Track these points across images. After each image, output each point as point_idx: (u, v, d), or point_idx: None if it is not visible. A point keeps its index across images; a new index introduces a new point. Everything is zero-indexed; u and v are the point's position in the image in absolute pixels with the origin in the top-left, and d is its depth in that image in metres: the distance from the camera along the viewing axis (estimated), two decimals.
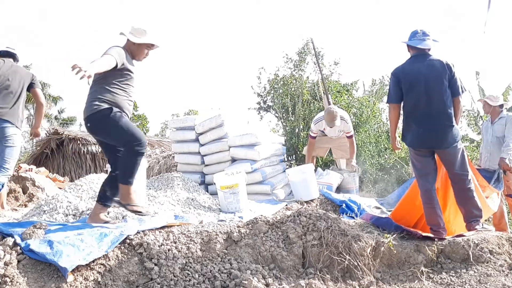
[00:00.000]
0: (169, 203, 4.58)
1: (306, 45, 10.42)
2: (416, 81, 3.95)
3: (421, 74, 3.94)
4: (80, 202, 4.25)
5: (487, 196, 4.41)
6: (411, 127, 4.03)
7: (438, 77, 3.91)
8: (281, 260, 3.33)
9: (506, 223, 5.57)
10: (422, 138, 3.96)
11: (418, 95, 3.95)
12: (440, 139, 3.91)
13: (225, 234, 3.46)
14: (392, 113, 4.17)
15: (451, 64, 3.97)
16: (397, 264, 3.41)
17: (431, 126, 3.92)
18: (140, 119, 30.76)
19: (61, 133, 11.01)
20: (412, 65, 4.02)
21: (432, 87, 3.91)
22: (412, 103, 4.00)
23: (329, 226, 3.55)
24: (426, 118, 3.94)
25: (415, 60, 4.05)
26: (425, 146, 3.99)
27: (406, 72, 4.03)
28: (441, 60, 3.96)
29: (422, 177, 4.00)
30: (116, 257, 3.05)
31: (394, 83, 4.10)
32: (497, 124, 5.62)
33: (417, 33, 4.07)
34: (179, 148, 6.43)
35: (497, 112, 5.69)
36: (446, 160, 3.99)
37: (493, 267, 3.31)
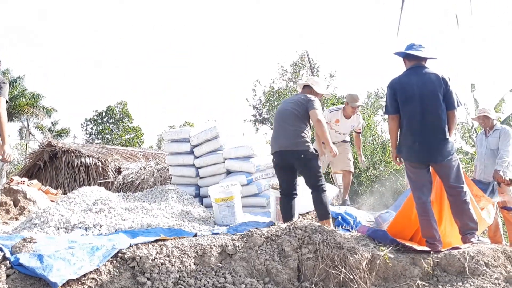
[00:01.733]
0: (163, 216, 4.53)
1: (301, 57, 10.47)
2: (412, 94, 3.95)
3: (416, 87, 3.94)
4: (72, 215, 4.20)
5: (482, 208, 4.40)
6: (406, 141, 4.02)
7: (434, 91, 3.92)
8: (276, 274, 3.29)
9: (501, 236, 5.55)
10: (418, 151, 3.95)
11: (414, 108, 3.95)
12: (435, 153, 3.91)
13: (219, 247, 3.42)
14: (390, 124, 4.15)
15: (446, 78, 3.98)
16: (393, 277, 3.38)
17: (426, 140, 3.91)
18: (135, 131, 30.70)
19: (54, 145, 10.93)
20: (409, 78, 4.02)
21: (427, 100, 3.91)
22: (407, 116, 4.00)
23: (324, 239, 3.52)
24: (421, 131, 3.93)
25: (411, 72, 4.05)
26: (420, 159, 3.98)
27: (402, 84, 4.02)
28: (437, 74, 3.97)
29: (418, 190, 3.99)
30: (108, 271, 3.00)
31: (391, 95, 4.09)
32: (491, 136, 5.62)
33: (414, 45, 4.09)
34: (173, 160, 6.39)
35: (491, 125, 5.71)
36: (441, 173, 3.98)
37: (488, 280, 3.29)
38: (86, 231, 3.95)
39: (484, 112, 5.74)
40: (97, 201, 4.70)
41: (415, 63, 4.06)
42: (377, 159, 9.85)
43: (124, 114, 31.18)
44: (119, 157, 10.65)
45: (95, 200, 4.75)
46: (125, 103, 31.62)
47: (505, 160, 5.37)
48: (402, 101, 4.00)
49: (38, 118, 28.68)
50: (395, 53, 4.18)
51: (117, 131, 30.52)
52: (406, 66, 4.14)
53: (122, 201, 4.92)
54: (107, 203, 4.63)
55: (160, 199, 5.17)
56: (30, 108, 26.02)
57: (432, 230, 3.84)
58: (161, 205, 4.86)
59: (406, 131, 4.02)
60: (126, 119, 31.25)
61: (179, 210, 4.82)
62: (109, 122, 30.95)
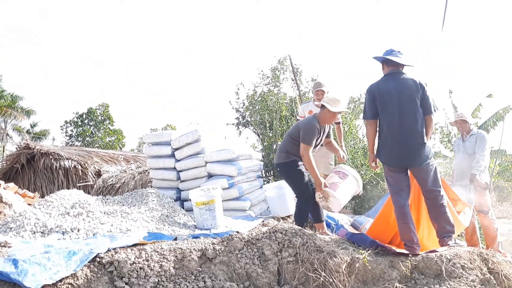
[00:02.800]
0: (143, 220, 4.48)
1: (281, 62, 10.50)
2: (390, 100, 4.01)
3: (394, 92, 4.01)
4: (49, 219, 4.11)
5: (458, 211, 4.47)
6: (385, 145, 4.08)
7: (411, 96, 3.99)
8: (256, 278, 3.29)
9: (477, 239, 5.65)
10: (396, 156, 4.02)
11: (392, 113, 4.01)
12: (413, 157, 3.97)
13: (199, 251, 3.40)
14: (368, 129, 4.22)
15: (423, 83, 4.05)
16: (372, 280, 3.41)
17: (405, 144, 3.97)
18: (116, 133, 30.34)
19: (32, 147, 10.72)
20: (386, 83, 4.08)
21: (405, 105, 3.98)
22: (386, 121, 4.06)
23: (304, 242, 3.53)
24: (399, 136, 3.99)
25: (389, 78, 4.11)
26: (399, 164, 4.05)
27: (380, 90, 4.08)
28: (414, 79, 4.04)
29: (396, 194, 4.04)
30: (85, 276, 2.95)
31: (369, 100, 4.15)
32: (468, 141, 5.71)
33: (393, 51, 4.15)
34: (154, 163, 6.34)
35: (468, 130, 5.80)
36: (419, 177, 4.04)
37: (465, 282, 3.34)
38: (63, 235, 3.88)
39: (462, 116, 5.83)
40: (75, 204, 4.62)
41: (393, 69, 4.12)
42: (358, 163, 9.93)
43: (105, 116, 30.80)
44: (99, 160, 10.50)
45: (73, 203, 4.67)
46: (106, 105, 31.23)
47: (481, 164, 5.47)
48: (381, 107, 4.06)
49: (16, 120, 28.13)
50: (374, 57, 4.24)
51: (98, 133, 30.12)
52: (384, 72, 4.21)
53: (101, 204, 4.84)
54: (86, 206, 4.55)
55: (140, 202, 5.11)
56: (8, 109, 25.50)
57: (410, 233, 3.89)
58: (141, 208, 4.80)
59: (384, 136, 4.08)
60: (107, 122, 30.87)
61: (159, 213, 4.77)
62: (90, 125, 30.52)
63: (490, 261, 3.67)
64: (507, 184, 18.13)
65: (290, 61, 8.58)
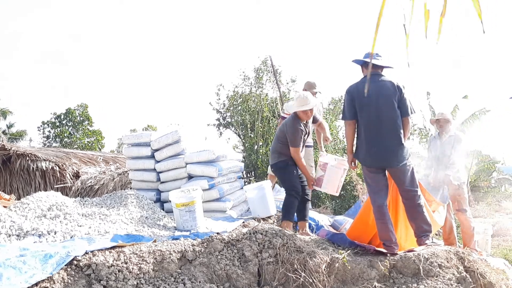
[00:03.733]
0: (122, 222, 4.42)
1: (263, 62, 10.53)
2: (368, 101, 4.07)
3: (373, 94, 4.06)
4: (25, 221, 4.03)
5: (433, 210, 4.56)
6: (363, 146, 4.13)
7: (388, 98, 4.04)
8: (236, 279, 3.28)
9: (455, 237, 5.75)
10: (374, 156, 4.07)
11: (370, 114, 4.07)
12: (391, 158, 4.03)
13: (179, 253, 3.38)
14: (347, 129, 4.26)
15: (401, 85, 4.11)
16: (351, 280, 3.44)
17: (383, 145, 4.03)
18: (95, 134, 29.92)
19: (8, 148, 10.48)
20: (365, 85, 4.14)
21: (383, 107, 4.04)
22: (364, 122, 4.11)
23: (285, 243, 3.54)
24: (377, 137, 4.05)
25: (371, 78, 4.15)
26: (377, 164, 4.10)
27: (359, 91, 4.13)
28: (392, 81, 4.09)
29: (375, 194, 4.09)
30: (62, 279, 2.90)
31: (348, 101, 4.20)
32: (446, 143, 5.71)
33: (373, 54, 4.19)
34: (133, 164, 6.27)
35: (448, 130, 5.78)
36: (396, 177, 4.10)
37: (442, 281, 3.40)
38: (39, 238, 3.80)
39: (445, 116, 5.78)
40: (52, 206, 4.54)
41: (372, 71, 4.17)
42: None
43: (84, 117, 30.35)
44: (77, 161, 10.33)
45: (50, 205, 4.59)
46: (85, 105, 30.79)
47: (455, 166, 5.55)
48: (359, 108, 4.11)
49: None
50: (353, 60, 4.28)
51: (77, 134, 29.65)
52: (364, 74, 4.26)
53: (79, 206, 4.77)
54: (63, 208, 4.47)
55: (119, 204, 5.05)
56: None
57: (388, 233, 3.94)
58: (120, 210, 4.75)
59: (363, 136, 4.13)
60: (86, 122, 30.42)
61: (138, 215, 4.72)
62: (68, 125, 30.02)
63: (466, 259, 3.74)
64: (483, 184, 18.54)
65: (271, 62, 8.60)
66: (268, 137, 10.40)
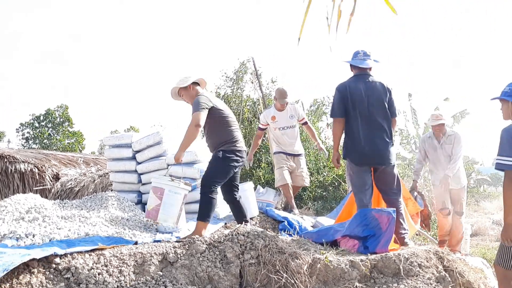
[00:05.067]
0: (102, 224, 4.36)
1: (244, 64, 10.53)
2: (360, 100, 4.11)
3: (364, 93, 4.12)
4: (2, 224, 3.94)
5: (411, 214, 4.67)
6: (356, 144, 4.14)
7: (380, 98, 4.13)
8: (218, 281, 3.27)
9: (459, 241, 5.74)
10: (367, 154, 4.10)
11: (362, 113, 4.10)
12: (383, 156, 4.11)
13: (160, 255, 3.35)
14: (336, 127, 4.25)
15: (390, 87, 4.21)
16: (333, 281, 3.46)
17: (375, 143, 4.09)
18: (75, 136, 29.50)
19: None
20: (356, 84, 4.18)
21: (375, 107, 4.11)
22: (356, 121, 4.13)
23: (267, 244, 3.55)
24: (370, 135, 4.09)
25: (358, 79, 4.21)
26: (369, 162, 4.14)
27: (351, 90, 4.15)
28: (382, 83, 4.20)
29: (361, 193, 4.13)
30: (40, 283, 2.86)
31: (339, 99, 4.19)
32: (445, 143, 5.62)
33: (359, 53, 4.26)
34: (114, 166, 6.20)
35: (444, 131, 5.69)
36: (384, 179, 4.16)
37: (421, 280, 3.45)
38: (17, 242, 3.72)
39: (441, 119, 5.66)
40: (30, 209, 4.45)
41: (361, 71, 4.22)
42: (321, 165, 10.07)
43: (65, 118, 29.90)
44: (57, 162, 10.15)
45: (29, 208, 4.50)
46: (66, 106, 30.34)
47: (456, 166, 5.52)
48: (351, 106, 4.13)
49: None
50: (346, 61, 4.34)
51: (57, 136, 29.18)
52: (353, 73, 4.30)
53: (58, 209, 4.69)
54: (42, 211, 4.40)
55: (100, 206, 4.99)
56: None
57: None
58: (100, 212, 4.68)
59: (356, 135, 4.13)
60: (66, 124, 29.98)
61: (119, 217, 4.67)
62: (48, 127, 29.54)
63: (445, 259, 3.80)
64: None
65: (254, 63, 8.61)
66: (250, 138, 10.39)
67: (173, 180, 4.12)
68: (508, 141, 3.01)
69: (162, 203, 4.01)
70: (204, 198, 4.15)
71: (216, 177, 4.24)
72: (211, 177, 4.23)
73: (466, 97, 39.14)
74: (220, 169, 4.27)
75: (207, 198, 4.14)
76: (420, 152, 5.98)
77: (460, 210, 5.68)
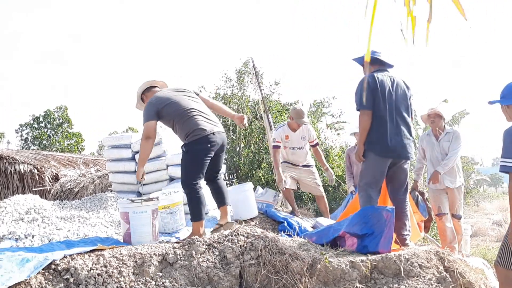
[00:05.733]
0: (102, 225, 4.36)
1: (245, 64, 10.53)
2: (389, 93, 4.07)
3: (392, 87, 4.10)
4: (1, 225, 3.94)
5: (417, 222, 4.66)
6: (381, 137, 4.04)
7: (404, 93, 4.20)
8: (218, 281, 3.26)
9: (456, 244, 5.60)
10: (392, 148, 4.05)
11: (390, 106, 4.06)
12: (407, 150, 4.12)
13: (160, 256, 3.34)
14: (365, 120, 4.05)
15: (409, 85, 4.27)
16: (333, 281, 3.44)
17: (401, 138, 4.10)
18: (75, 136, 29.48)
19: None
20: (383, 77, 4.11)
21: (400, 101, 4.13)
22: (385, 114, 4.04)
23: (266, 245, 3.53)
24: (397, 129, 4.09)
25: (382, 73, 4.16)
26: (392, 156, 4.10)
27: (380, 82, 4.06)
28: (403, 80, 4.22)
29: (373, 189, 4.08)
30: (40, 284, 2.84)
31: (370, 90, 4.03)
32: (443, 140, 5.46)
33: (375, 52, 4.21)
34: (114, 167, 6.19)
35: (442, 127, 5.53)
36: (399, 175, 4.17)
37: (422, 281, 3.43)
38: (16, 242, 3.72)
39: (436, 109, 5.49)
40: (30, 210, 4.46)
41: (379, 67, 4.19)
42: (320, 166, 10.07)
43: (64, 119, 29.87)
44: (56, 163, 10.15)
45: (28, 209, 4.50)
46: (65, 107, 30.32)
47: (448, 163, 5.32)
48: (381, 98, 4.04)
49: None
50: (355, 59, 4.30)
51: (56, 137, 29.15)
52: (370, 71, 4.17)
53: (58, 209, 4.69)
54: (41, 212, 4.40)
55: (99, 207, 4.98)
56: None
57: None
58: (99, 213, 4.68)
59: (383, 128, 4.04)
60: (65, 124, 29.95)
61: (118, 218, 4.66)
62: (47, 128, 29.51)
63: (446, 259, 3.78)
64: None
65: (253, 63, 8.61)
66: (250, 139, 10.39)
67: (133, 201, 3.97)
68: (511, 143, 2.99)
69: (131, 226, 3.88)
70: (190, 199, 4.00)
71: (191, 174, 3.99)
72: (186, 176, 4.02)
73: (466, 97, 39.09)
74: (190, 164, 4.01)
75: (192, 198, 3.98)
76: (419, 151, 5.83)
77: (457, 213, 5.49)
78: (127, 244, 3.71)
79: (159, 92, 4.20)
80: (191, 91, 4.28)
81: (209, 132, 3.98)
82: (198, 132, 3.96)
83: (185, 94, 4.18)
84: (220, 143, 4.11)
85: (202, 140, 3.95)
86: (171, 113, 4.05)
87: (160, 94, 4.14)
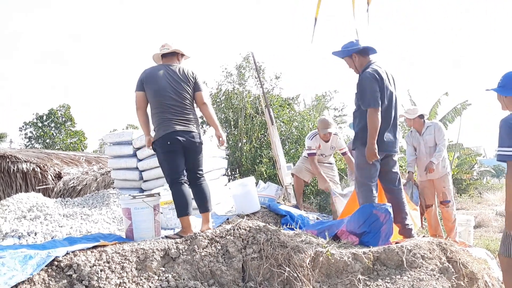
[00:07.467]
0: (104, 221, 4.37)
1: (246, 59, 10.49)
2: (388, 88, 4.01)
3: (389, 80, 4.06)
4: (4, 223, 3.96)
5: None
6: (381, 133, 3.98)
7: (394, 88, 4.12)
8: (221, 275, 3.27)
9: (441, 231, 5.79)
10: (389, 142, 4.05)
11: (390, 102, 4.03)
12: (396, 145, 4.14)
13: (162, 251, 3.34)
14: (376, 118, 3.89)
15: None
16: (336, 273, 3.44)
17: (395, 132, 4.12)
18: (77, 135, 29.56)
19: None
20: (382, 71, 4.01)
21: (395, 95, 4.08)
22: (383, 110, 3.98)
23: (269, 238, 3.53)
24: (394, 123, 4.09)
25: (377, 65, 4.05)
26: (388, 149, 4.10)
27: (380, 77, 3.96)
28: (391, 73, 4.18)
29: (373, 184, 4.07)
30: (43, 280, 2.85)
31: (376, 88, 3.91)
32: (426, 134, 5.69)
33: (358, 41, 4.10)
34: (115, 163, 6.20)
35: (421, 124, 5.76)
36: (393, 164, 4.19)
37: (425, 272, 3.43)
38: (19, 240, 3.73)
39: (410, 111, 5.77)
40: (32, 208, 4.47)
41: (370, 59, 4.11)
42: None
43: (67, 117, 29.95)
44: (59, 162, 10.18)
45: (31, 207, 4.52)
46: (68, 106, 30.39)
47: (441, 154, 5.56)
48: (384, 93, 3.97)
49: None
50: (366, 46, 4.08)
51: (59, 135, 29.24)
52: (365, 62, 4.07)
53: (60, 207, 4.70)
54: (44, 209, 4.41)
55: (102, 204, 5.00)
56: None
57: None
58: (102, 210, 4.69)
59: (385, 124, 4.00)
60: (68, 123, 30.04)
61: (121, 214, 4.67)
62: (51, 126, 29.59)
63: (449, 250, 3.78)
64: (465, 176, 18.83)
65: (253, 58, 8.57)
66: (252, 134, 10.37)
67: (134, 197, 3.97)
68: (506, 132, 2.98)
69: (133, 222, 3.89)
70: (172, 195, 3.92)
71: (166, 172, 3.95)
72: (165, 174, 3.99)
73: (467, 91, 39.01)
74: (162, 163, 3.97)
75: (173, 194, 3.90)
76: (408, 146, 5.96)
77: (445, 198, 5.62)
78: (129, 240, 3.72)
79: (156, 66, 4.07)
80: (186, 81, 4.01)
81: (171, 130, 3.86)
82: (159, 132, 3.89)
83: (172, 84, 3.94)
84: (184, 140, 3.91)
85: (163, 139, 3.86)
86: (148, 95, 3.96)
87: (152, 70, 4.00)
